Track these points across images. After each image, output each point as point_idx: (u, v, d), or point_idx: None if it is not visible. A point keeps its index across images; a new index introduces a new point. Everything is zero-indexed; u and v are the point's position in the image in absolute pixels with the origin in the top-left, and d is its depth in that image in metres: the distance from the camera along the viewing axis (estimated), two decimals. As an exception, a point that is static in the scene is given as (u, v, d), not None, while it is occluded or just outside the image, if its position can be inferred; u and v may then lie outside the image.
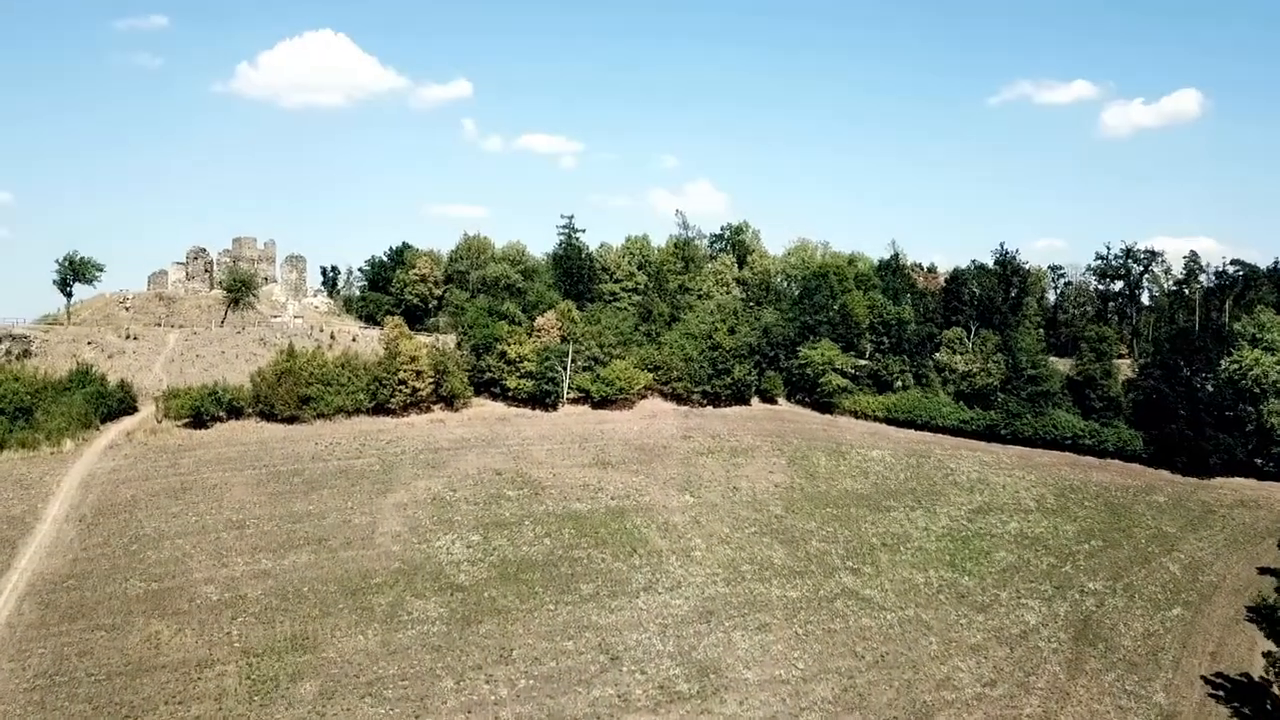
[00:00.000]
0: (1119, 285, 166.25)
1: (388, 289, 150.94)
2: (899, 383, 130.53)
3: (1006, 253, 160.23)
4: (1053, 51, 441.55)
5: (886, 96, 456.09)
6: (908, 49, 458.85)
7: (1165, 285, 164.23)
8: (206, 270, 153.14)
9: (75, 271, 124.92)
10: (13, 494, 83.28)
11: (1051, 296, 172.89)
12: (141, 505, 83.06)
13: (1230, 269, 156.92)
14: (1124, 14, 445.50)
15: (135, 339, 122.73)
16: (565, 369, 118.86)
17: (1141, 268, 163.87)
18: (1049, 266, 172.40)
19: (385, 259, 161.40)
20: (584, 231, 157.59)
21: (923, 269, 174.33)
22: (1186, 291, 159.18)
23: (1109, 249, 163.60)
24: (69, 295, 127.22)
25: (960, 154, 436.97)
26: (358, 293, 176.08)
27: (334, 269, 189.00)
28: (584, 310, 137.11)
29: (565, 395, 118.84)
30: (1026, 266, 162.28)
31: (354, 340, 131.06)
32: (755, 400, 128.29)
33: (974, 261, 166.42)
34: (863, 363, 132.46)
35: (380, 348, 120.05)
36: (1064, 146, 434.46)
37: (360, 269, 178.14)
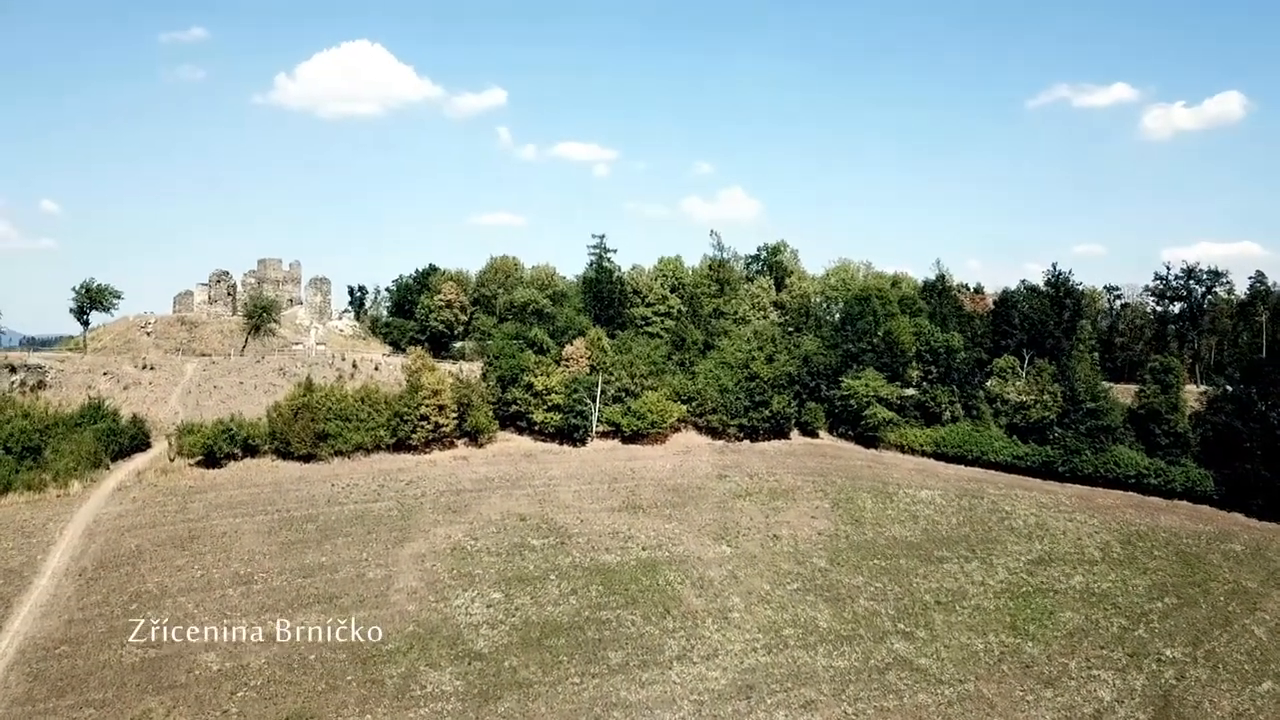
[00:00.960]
0: (1179, 307, 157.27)
1: (413, 314, 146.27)
2: (947, 414, 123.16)
3: (1059, 274, 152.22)
4: (1092, 54, 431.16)
5: (922, 101, 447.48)
6: (944, 53, 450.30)
7: (1230, 304, 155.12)
8: (229, 293, 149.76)
9: (92, 299, 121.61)
10: (13, 543, 78.99)
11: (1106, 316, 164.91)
12: (146, 557, 78.42)
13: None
14: (1165, 15, 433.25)
15: (152, 369, 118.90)
16: (594, 401, 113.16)
17: (1204, 288, 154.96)
18: (1104, 287, 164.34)
19: (411, 281, 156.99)
20: (615, 251, 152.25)
21: (969, 290, 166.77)
22: (1252, 312, 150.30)
23: (1168, 268, 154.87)
24: (86, 324, 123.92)
25: (997, 159, 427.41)
26: (385, 313, 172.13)
27: (361, 289, 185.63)
28: (614, 336, 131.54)
29: (594, 429, 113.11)
30: (1081, 287, 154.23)
31: (377, 369, 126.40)
32: (795, 433, 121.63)
33: (1024, 282, 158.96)
34: (909, 393, 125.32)
35: (404, 377, 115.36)
36: (1103, 151, 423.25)
37: (387, 289, 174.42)
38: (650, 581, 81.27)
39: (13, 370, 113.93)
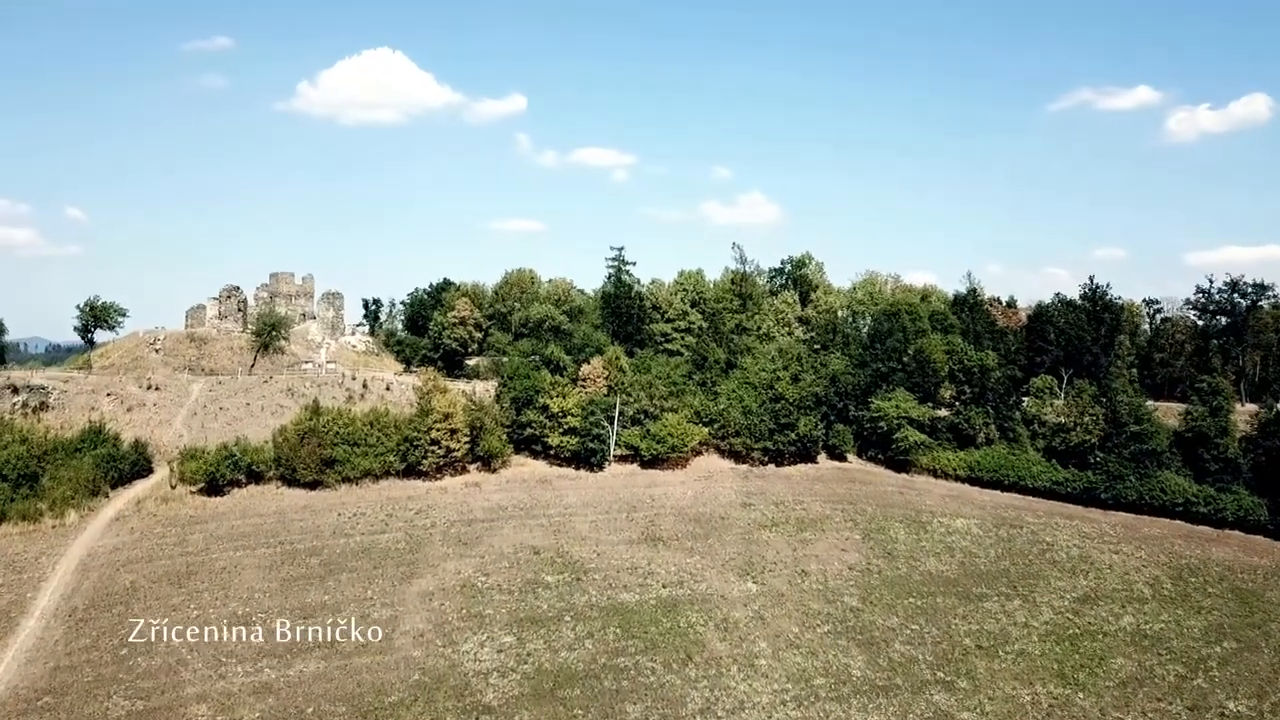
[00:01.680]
0: (1222, 321, 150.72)
1: (426, 330, 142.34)
2: (982, 437, 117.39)
3: (1096, 286, 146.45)
4: (1115, 57, 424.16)
5: (942, 106, 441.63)
6: (964, 58, 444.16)
7: (1276, 317, 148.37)
8: (240, 309, 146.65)
9: (96, 317, 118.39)
10: (2, 580, 75.13)
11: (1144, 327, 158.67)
12: (140, 594, 74.42)
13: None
14: (1190, 17, 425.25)
15: (157, 389, 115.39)
16: (612, 424, 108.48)
17: (1248, 301, 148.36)
18: (1143, 300, 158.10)
19: (425, 296, 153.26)
20: (634, 264, 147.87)
21: (1000, 303, 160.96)
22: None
23: (1211, 281, 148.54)
24: (90, 342, 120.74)
25: (1018, 163, 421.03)
26: (400, 326, 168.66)
27: (376, 302, 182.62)
28: (633, 354, 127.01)
29: (612, 453, 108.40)
30: (1120, 302, 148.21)
31: (388, 389, 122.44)
32: (822, 457, 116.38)
33: (1058, 295, 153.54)
34: (941, 414, 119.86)
35: (415, 398, 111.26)
36: (1126, 154, 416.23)
37: (403, 302, 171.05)
38: (671, 623, 76.45)
39: (15, 391, 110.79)
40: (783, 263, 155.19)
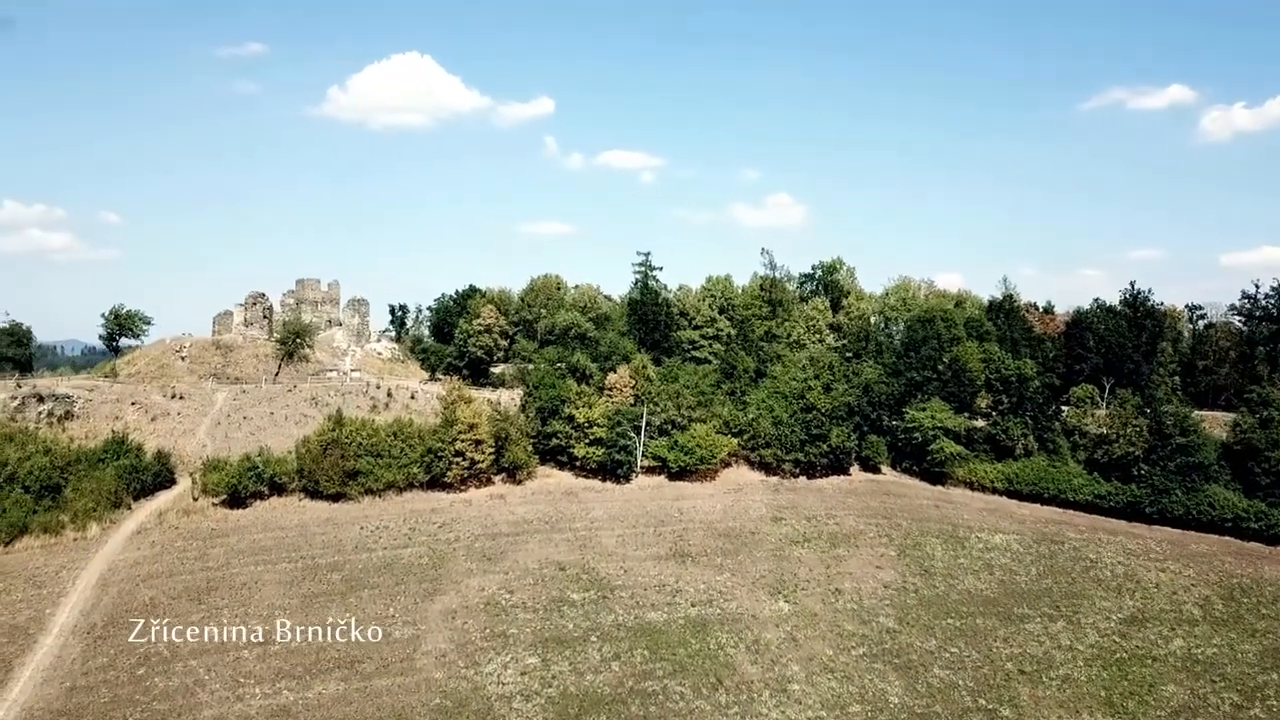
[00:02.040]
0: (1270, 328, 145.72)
1: (452, 337, 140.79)
2: (1020, 448, 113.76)
3: (1138, 293, 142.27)
4: (1148, 56, 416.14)
5: (971, 106, 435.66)
6: (994, 57, 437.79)
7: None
8: (265, 316, 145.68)
9: (121, 325, 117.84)
10: (22, 595, 74.26)
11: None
12: (159, 610, 73.08)
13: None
14: (1223, 14, 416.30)
15: (181, 398, 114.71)
16: (639, 435, 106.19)
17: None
18: (1186, 306, 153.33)
19: (450, 303, 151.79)
20: (661, 269, 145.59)
21: (1037, 309, 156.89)
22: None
23: (1257, 286, 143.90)
24: (115, 350, 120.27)
25: (1049, 164, 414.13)
26: (426, 331, 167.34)
27: (403, 307, 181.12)
28: (660, 362, 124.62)
29: (639, 465, 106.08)
30: (1161, 307, 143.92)
31: (413, 397, 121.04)
32: (855, 469, 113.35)
33: (1097, 301, 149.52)
34: (978, 424, 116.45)
35: (440, 407, 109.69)
36: (1159, 153, 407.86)
37: (429, 308, 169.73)
38: (700, 644, 73.98)
39: (40, 399, 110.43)
40: (813, 268, 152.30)
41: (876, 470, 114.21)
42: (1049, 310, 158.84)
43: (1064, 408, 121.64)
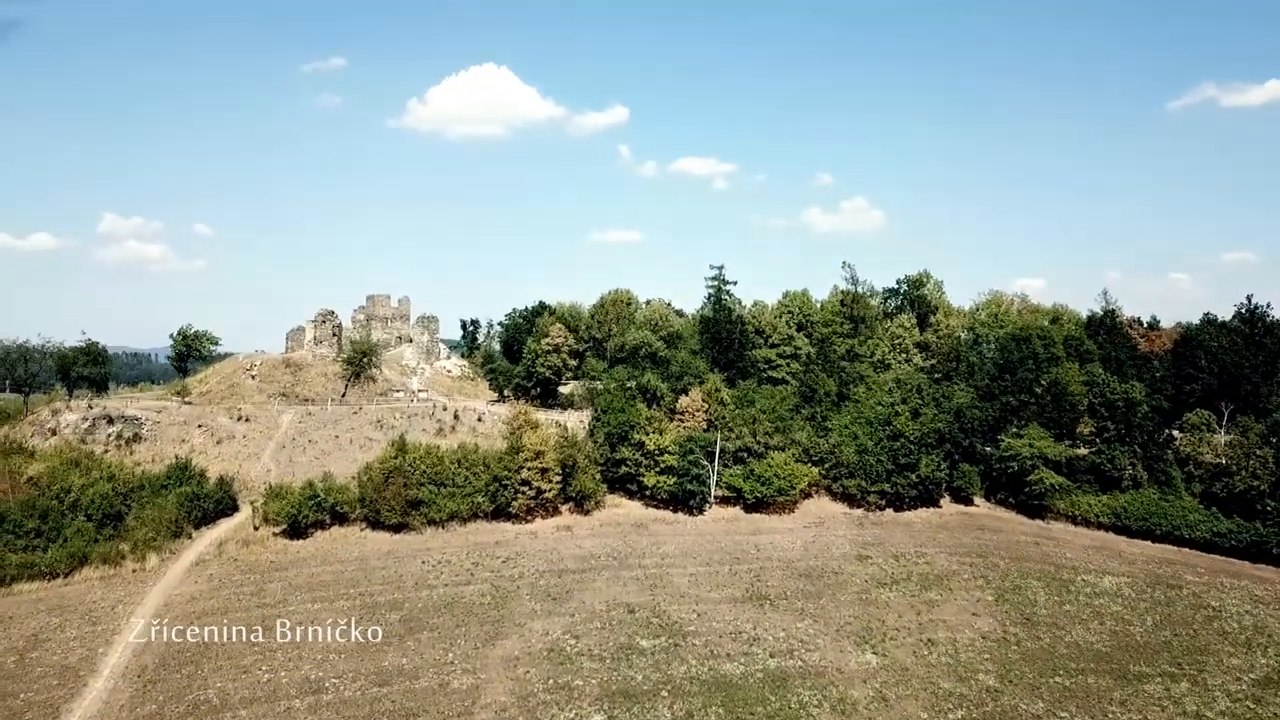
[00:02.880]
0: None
1: (520, 356, 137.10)
2: (1127, 479, 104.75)
3: (1256, 307, 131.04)
4: (1242, 51, 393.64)
5: (1054, 105, 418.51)
6: (1078, 55, 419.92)
7: None
8: (334, 334, 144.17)
9: (189, 345, 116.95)
10: (76, 633, 72.11)
11: None
12: (213, 653, 70.08)
13: None
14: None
15: (247, 420, 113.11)
16: (712, 462, 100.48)
17: None
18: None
19: (520, 320, 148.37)
20: (735, 284, 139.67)
21: (1140, 324, 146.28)
22: None
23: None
24: (184, 371, 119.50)
25: (1136, 163, 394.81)
26: (497, 346, 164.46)
27: (474, 322, 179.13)
28: (734, 384, 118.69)
29: (712, 496, 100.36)
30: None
31: (480, 419, 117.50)
32: (946, 500, 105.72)
33: (1208, 315, 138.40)
34: (1080, 453, 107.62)
35: (507, 431, 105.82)
36: (1255, 152, 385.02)
37: (500, 323, 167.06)
38: (780, 702, 67.76)
39: (110, 421, 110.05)
40: (898, 282, 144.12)
41: (969, 502, 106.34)
42: (1153, 326, 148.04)
43: (1175, 434, 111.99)
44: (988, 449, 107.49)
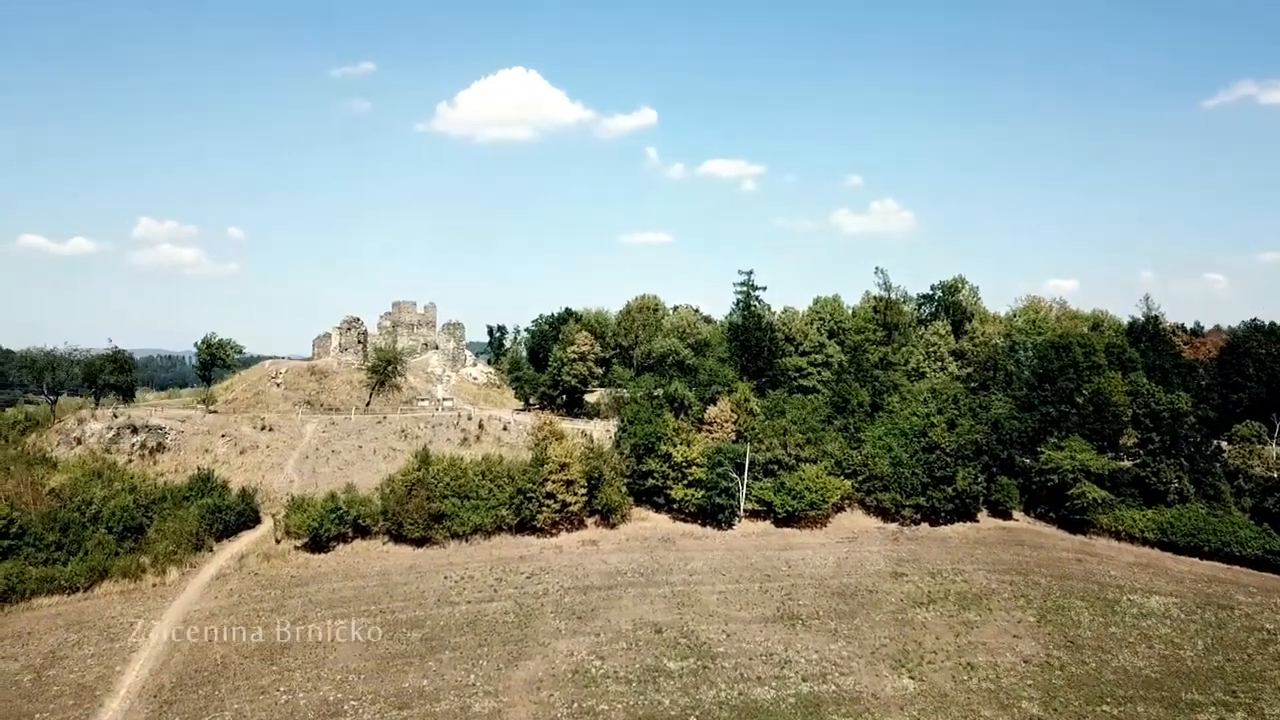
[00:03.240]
0: None
1: (546, 363, 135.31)
2: (1173, 493, 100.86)
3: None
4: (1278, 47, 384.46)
5: (1085, 103, 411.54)
6: (1108, 53, 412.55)
7: None
8: (360, 341, 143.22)
9: (213, 355, 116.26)
10: (93, 650, 70.91)
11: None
12: (230, 672, 68.61)
13: None
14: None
15: (270, 430, 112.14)
16: (741, 475, 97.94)
17: None
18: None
19: (546, 327, 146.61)
20: (764, 289, 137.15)
21: (1184, 331, 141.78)
22: None
23: None
24: (208, 380, 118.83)
25: (1170, 162, 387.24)
26: (524, 352, 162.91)
27: (500, 328, 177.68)
28: (763, 393, 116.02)
29: (741, 509, 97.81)
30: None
31: (505, 429, 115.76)
32: (983, 514, 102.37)
33: (1254, 321, 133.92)
34: (1123, 465, 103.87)
35: (532, 441, 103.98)
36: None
37: (527, 329, 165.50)
38: (814, 731, 65.15)
39: (134, 431, 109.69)
40: (933, 288, 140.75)
41: (1007, 516, 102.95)
42: (1197, 332, 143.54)
43: (1223, 446, 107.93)
44: (1026, 461, 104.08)
